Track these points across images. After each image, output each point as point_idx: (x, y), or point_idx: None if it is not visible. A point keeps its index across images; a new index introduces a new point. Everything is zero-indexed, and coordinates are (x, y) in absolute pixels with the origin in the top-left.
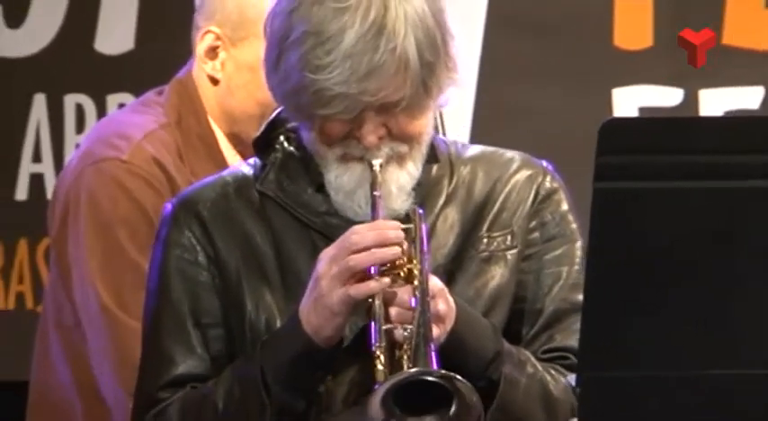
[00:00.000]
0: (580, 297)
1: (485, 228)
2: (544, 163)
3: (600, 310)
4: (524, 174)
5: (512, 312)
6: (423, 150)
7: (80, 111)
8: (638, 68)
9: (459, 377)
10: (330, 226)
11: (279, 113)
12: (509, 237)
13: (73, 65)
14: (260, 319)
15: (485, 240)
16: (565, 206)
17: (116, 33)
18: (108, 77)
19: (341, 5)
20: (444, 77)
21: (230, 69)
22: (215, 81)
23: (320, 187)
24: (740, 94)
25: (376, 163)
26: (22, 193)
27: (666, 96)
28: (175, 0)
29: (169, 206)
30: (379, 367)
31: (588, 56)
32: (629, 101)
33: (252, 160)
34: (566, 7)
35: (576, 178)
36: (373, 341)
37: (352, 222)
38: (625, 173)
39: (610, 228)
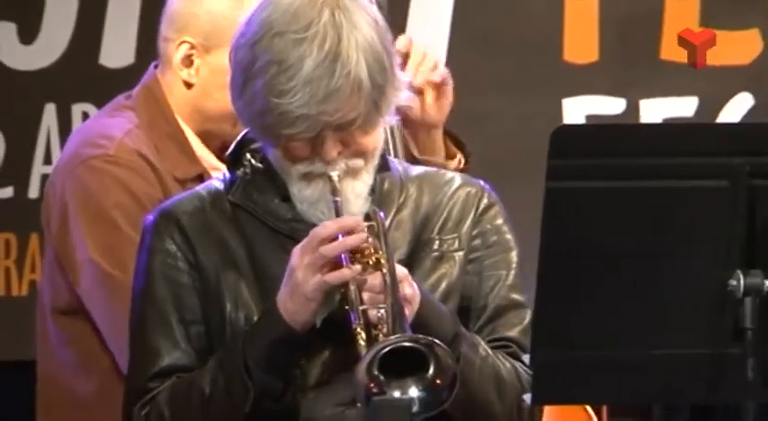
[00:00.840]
0: (517, 296)
1: (435, 231)
2: (481, 182)
3: (551, 297)
4: (466, 190)
5: (459, 308)
6: (375, 161)
7: (86, 118)
8: (585, 80)
9: (437, 341)
10: (297, 230)
11: (245, 134)
12: (457, 241)
13: (80, 77)
14: (239, 316)
15: (436, 242)
16: (500, 219)
17: (118, 49)
18: (111, 88)
19: (299, 36)
20: (392, 96)
21: (206, 74)
22: (189, 85)
23: (285, 197)
24: (676, 103)
25: (334, 174)
26: (34, 192)
27: (610, 106)
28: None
29: (151, 217)
30: (361, 342)
31: (541, 69)
32: (577, 109)
33: (222, 175)
34: (521, 27)
35: (530, 178)
36: (353, 321)
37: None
38: (574, 173)
39: (560, 223)
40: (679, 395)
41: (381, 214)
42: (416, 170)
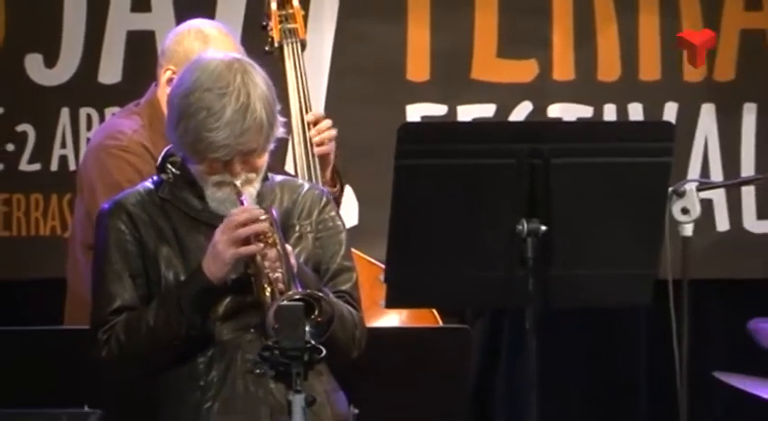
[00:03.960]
0: (348, 263)
1: (294, 219)
2: (322, 187)
3: (399, 238)
4: (312, 192)
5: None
6: (261, 175)
7: (89, 118)
8: (421, 93)
9: (320, 294)
10: (208, 219)
11: (167, 151)
12: (309, 226)
13: (84, 90)
14: (169, 275)
15: (297, 227)
16: (334, 212)
17: (110, 72)
18: (106, 98)
19: (222, 92)
20: (276, 130)
21: None
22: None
23: (200, 196)
24: (481, 108)
25: (237, 182)
26: (54, 167)
27: (437, 110)
28: (148, 55)
29: (105, 206)
30: (267, 294)
31: (391, 85)
32: (415, 113)
33: (152, 178)
34: (379, 56)
35: (386, 160)
36: (262, 280)
37: (224, 217)
38: (414, 155)
39: (405, 188)
40: (484, 302)
41: (273, 211)
42: (279, 178)
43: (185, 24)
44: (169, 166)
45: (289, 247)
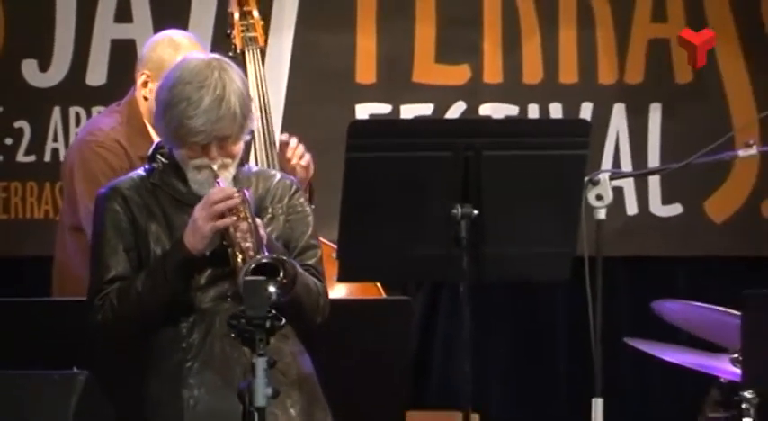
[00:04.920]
0: (313, 241)
1: (267, 202)
2: (292, 177)
3: (349, 232)
4: (284, 181)
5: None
6: (237, 161)
7: (78, 116)
8: (368, 94)
9: (284, 258)
10: (191, 200)
11: (157, 144)
12: (281, 209)
13: (74, 91)
14: (157, 249)
15: (269, 209)
16: (303, 199)
17: (96, 75)
18: (92, 98)
19: (200, 85)
20: (250, 124)
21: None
22: (146, 99)
23: (185, 181)
24: (420, 107)
25: (214, 166)
26: (47, 158)
27: (382, 108)
28: (130, 60)
29: (103, 190)
30: (239, 259)
31: (343, 87)
32: (363, 111)
33: (144, 166)
34: (331, 61)
35: (338, 152)
36: (235, 250)
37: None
38: (362, 149)
39: (355, 178)
40: (423, 277)
41: (245, 191)
42: (254, 169)
43: (160, 34)
44: (159, 156)
45: (258, 221)
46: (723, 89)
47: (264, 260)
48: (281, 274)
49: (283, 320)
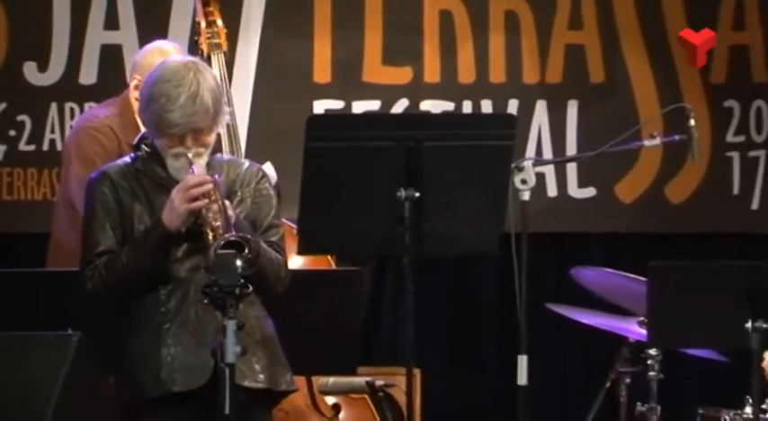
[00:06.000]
0: (276, 221)
1: (237, 187)
2: (259, 165)
3: (308, 212)
4: (252, 168)
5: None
6: (209, 150)
7: (72, 111)
8: (324, 92)
9: (249, 236)
10: (170, 184)
11: (142, 135)
12: (248, 192)
13: (68, 89)
14: (140, 227)
15: (239, 192)
16: (268, 184)
17: (88, 76)
18: (84, 95)
19: (178, 83)
20: (222, 115)
21: None
22: (137, 100)
23: (164, 167)
24: (370, 103)
25: (190, 154)
26: (45, 147)
27: (337, 104)
28: (117, 63)
29: (94, 174)
30: (210, 236)
31: (301, 86)
32: (320, 107)
33: (131, 155)
34: (292, 64)
35: (297, 143)
36: (206, 228)
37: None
38: (319, 139)
39: (312, 166)
40: (372, 250)
41: (217, 176)
42: (226, 157)
43: (151, 44)
44: (143, 146)
45: (228, 203)
46: (631, 88)
47: (232, 238)
48: (246, 250)
49: (250, 288)
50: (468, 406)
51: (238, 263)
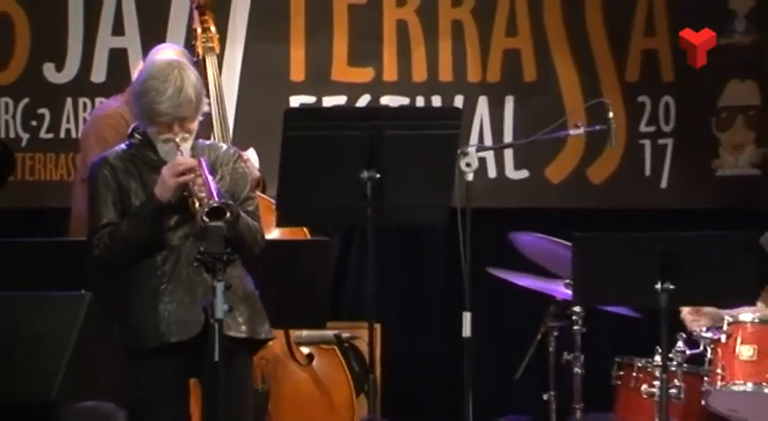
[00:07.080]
0: (251, 194)
1: (218, 166)
2: (235, 148)
3: (285, 190)
4: (230, 151)
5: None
6: (193, 136)
7: (85, 104)
8: (298, 88)
9: (230, 202)
10: (161, 165)
11: (134, 126)
12: (228, 171)
13: (82, 86)
14: (136, 202)
15: (219, 171)
16: (242, 163)
17: (98, 75)
18: (96, 91)
19: (165, 79)
20: (202, 107)
21: None
22: None
23: (155, 151)
24: (338, 99)
25: (177, 139)
26: (63, 135)
27: (310, 99)
28: (123, 64)
29: (96, 160)
30: (197, 205)
31: (280, 83)
32: (295, 101)
33: (126, 142)
34: (272, 65)
35: (276, 133)
36: (193, 198)
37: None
38: (295, 128)
39: (290, 150)
40: (340, 222)
41: (201, 158)
42: (208, 143)
43: (158, 46)
44: (136, 134)
45: (210, 177)
46: (558, 85)
47: (214, 204)
48: (228, 214)
49: (236, 255)
50: (421, 355)
51: (221, 224)
